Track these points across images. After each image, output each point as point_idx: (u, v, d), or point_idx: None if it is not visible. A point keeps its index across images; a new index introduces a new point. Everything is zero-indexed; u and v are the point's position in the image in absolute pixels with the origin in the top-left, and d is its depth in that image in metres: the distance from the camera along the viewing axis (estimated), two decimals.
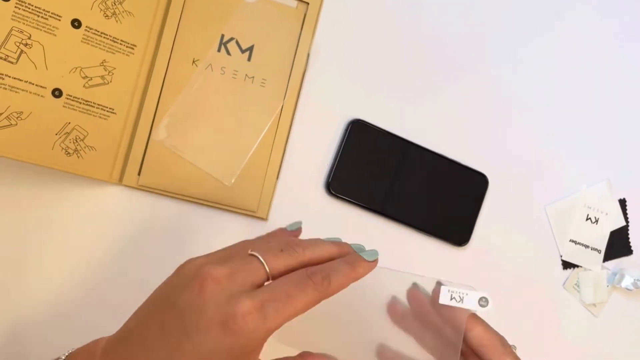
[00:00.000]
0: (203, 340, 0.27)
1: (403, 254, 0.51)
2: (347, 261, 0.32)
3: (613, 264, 0.56)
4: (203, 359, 0.27)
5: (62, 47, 0.42)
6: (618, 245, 0.56)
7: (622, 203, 0.56)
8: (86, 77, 0.43)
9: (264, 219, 0.48)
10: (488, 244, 0.53)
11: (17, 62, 0.40)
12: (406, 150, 0.51)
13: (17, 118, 0.41)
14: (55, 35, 0.41)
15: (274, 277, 0.30)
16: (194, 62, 0.47)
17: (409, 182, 0.51)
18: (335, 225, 0.50)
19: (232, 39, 0.47)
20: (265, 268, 0.30)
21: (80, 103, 0.43)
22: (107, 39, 0.43)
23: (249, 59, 0.47)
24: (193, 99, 0.46)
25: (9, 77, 0.40)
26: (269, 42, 0.48)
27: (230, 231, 0.48)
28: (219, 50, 0.47)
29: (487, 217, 0.53)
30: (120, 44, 0.44)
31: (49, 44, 0.41)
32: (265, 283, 0.29)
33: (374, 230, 0.51)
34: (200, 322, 0.27)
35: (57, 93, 0.42)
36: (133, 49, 0.45)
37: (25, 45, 0.41)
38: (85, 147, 0.43)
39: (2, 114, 0.40)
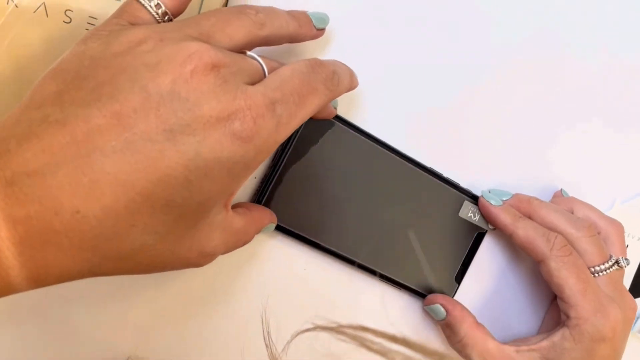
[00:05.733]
0: (194, 145, 0.20)
1: (364, 310, 0.35)
2: (345, 68, 0.28)
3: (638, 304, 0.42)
4: (191, 173, 0.20)
5: None
6: None
7: None
8: None
9: None
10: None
11: None
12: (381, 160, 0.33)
13: None
14: None
15: (235, 48, 0.24)
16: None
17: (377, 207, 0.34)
18: (267, 270, 0.33)
19: None
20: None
21: None
22: None
23: None
24: None
25: None
26: None
27: None
28: None
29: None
30: None
31: None
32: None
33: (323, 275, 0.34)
34: (193, 119, 0.20)
35: None
36: None
37: None
38: None
39: None
